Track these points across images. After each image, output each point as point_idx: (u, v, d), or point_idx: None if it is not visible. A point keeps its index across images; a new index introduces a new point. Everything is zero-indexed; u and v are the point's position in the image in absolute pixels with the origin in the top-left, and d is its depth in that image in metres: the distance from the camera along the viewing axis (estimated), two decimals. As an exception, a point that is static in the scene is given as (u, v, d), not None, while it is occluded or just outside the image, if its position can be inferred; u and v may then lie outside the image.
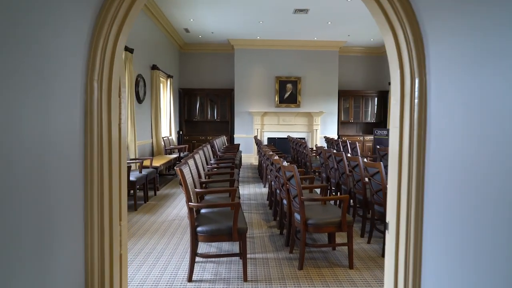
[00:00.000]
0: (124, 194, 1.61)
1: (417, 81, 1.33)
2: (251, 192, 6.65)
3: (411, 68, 1.34)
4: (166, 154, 8.70)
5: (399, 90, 1.42)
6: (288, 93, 11.27)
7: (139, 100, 7.17)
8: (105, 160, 1.40)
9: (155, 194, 6.21)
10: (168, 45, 9.87)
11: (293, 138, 9.29)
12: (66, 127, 1.25)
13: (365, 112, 11.84)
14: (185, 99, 11.52)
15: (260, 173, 8.41)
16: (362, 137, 11.73)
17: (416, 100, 1.34)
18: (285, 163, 3.50)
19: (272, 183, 4.95)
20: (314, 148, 10.34)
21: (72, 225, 1.33)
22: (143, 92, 7.41)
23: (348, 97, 11.78)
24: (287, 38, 10.70)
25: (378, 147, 6.53)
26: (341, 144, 8.10)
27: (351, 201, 4.66)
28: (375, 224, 3.83)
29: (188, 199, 2.84)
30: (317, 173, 7.34)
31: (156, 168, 6.30)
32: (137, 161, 5.57)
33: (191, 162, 3.61)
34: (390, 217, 1.45)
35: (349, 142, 7.75)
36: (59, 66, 1.22)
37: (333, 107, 11.41)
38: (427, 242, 1.29)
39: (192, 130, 11.85)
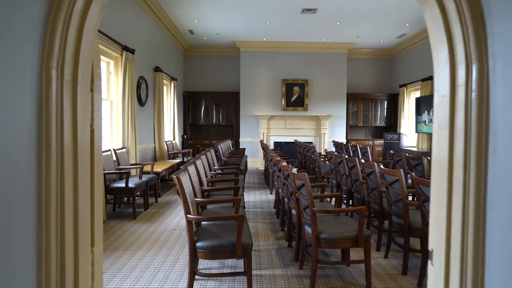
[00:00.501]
0: (98, 213, 1.30)
1: (474, 68, 1.01)
2: (257, 199, 6.32)
3: (467, 51, 1.02)
4: (170, 159, 8.42)
5: (448, 81, 1.10)
6: (295, 96, 10.95)
7: (141, 103, 6.91)
8: (67, 169, 1.09)
9: (156, 201, 5.91)
10: (172, 47, 9.63)
11: (300, 142, 8.96)
12: (11, 126, 0.94)
13: (374, 116, 11.47)
14: (189, 102, 11.27)
15: (266, 179, 8.08)
16: (371, 142, 11.35)
17: (473, 94, 1.01)
18: (294, 170, 3.18)
19: (279, 190, 4.63)
20: (323, 153, 10.00)
21: (20, 260, 1.00)
22: (145, 94, 7.15)
23: (357, 100, 11.42)
24: (294, 39, 10.40)
25: (391, 151, 6.17)
26: (351, 149, 7.75)
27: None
28: (393, 237, 3.48)
29: (187, 211, 2.53)
30: (325, 179, 7.00)
31: (157, 173, 6.01)
32: (137, 166, 5.29)
33: (191, 168, 3.30)
34: (436, 245, 1.12)
35: (360, 147, 7.39)
36: (2, 46, 0.92)
37: (342, 111, 11.07)
38: (492, 284, 0.97)
39: (196, 134, 11.58)
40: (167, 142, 8.56)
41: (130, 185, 4.77)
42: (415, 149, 9.36)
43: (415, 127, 9.17)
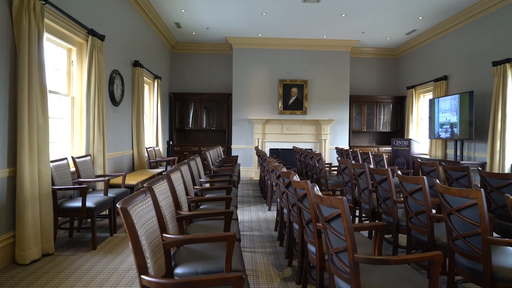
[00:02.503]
0: None
1: None
2: (253, 217, 5.22)
3: None
4: (151, 168, 7.29)
5: None
6: (293, 99, 9.94)
7: (115, 101, 5.80)
8: None
9: (128, 222, 4.76)
10: (156, 42, 8.55)
11: (300, 149, 7.91)
12: None
13: (379, 120, 10.51)
14: (176, 105, 10.16)
15: (263, 191, 7.00)
16: (376, 148, 10.36)
17: None
18: (318, 193, 2.11)
19: (284, 210, 3.55)
20: (327, 161, 8.96)
21: None
22: (120, 92, 6.04)
23: (360, 103, 10.45)
24: (292, 36, 9.42)
25: (419, 160, 5.13)
26: (360, 157, 6.72)
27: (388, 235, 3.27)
28: (455, 284, 2.42)
29: (141, 268, 1.44)
30: (334, 193, 5.95)
31: (131, 187, 4.89)
32: (101, 179, 4.16)
33: (161, 186, 2.21)
34: None
35: (372, 154, 6.37)
36: None
37: (344, 114, 10.08)
38: None
39: (184, 140, 10.46)
40: (148, 149, 7.43)
41: (89, 204, 3.64)
42: (427, 156, 8.39)
43: (429, 132, 8.20)
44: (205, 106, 10.25)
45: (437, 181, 2.44)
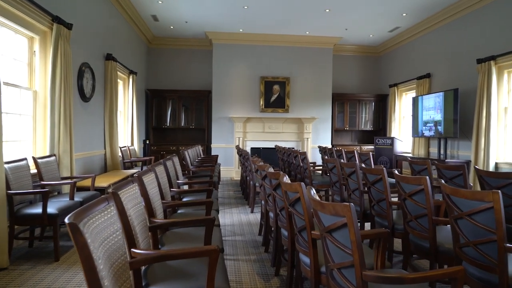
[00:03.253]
0: None
1: None
2: (235, 221, 4.91)
3: None
4: (125, 169, 6.85)
5: None
6: (275, 96, 9.68)
7: (84, 97, 5.35)
8: None
9: (98, 228, 4.34)
10: (132, 36, 8.09)
11: (282, 147, 7.65)
12: None
13: (361, 119, 10.40)
14: (153, 102, 9.70)
15: (244, 192, 6.70)
16: (358, 147, 10.24)
17: None
18: (316, 197, 1.83)
19: (270, 214, 3.26)
20: (316, 159, 8.74)
21: None
22: (91, 87, 5.59)
23: (343, 102, 10.31)
24: (274, 32, 9.15)
25: (409, 158, 4.95)
26: (345, 156, 6.53)
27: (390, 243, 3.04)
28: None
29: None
30: (319, 193, 5.72)
31: (101, 189, 4.48)
32: (71, 180, 3.74)
33: (130, 191, 1.87)
34: None
35: (358, 153, 6.18)
36: None
37: (327, 113, 9.90)
38: None
39: (161, 139, 10.01)
40: (123, 149, 6.98)
41: (51, 210, 3.23)
42: (410, 155, 8.31)
43: (412, 130, 8.12)
44: (183, 103, 9.84)
45: (442, 181, 2.20)
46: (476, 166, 4.10)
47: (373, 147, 10.20)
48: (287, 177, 2.25)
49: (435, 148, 7.70)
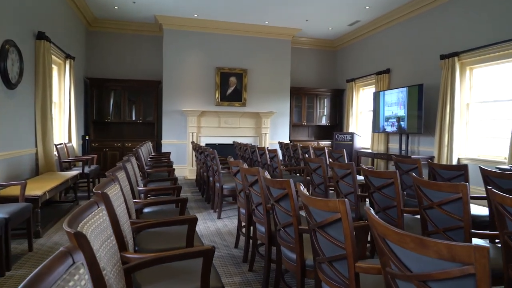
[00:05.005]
0: None
1: None
2: (201, 229, 4.27)
3: None
4: (62, 170, 5.81)
5: None
6: (231, 89, 9.08)
7: (9, 83, 4.31)
8: None
9: (30, 249, 3.43)
10: (68, 15, 6.94)
11: (244, 144, 7.12)
12: None
13: (318, 114, 10.22)
14: (94, 93, 8.55)
15: (205, 193, 6.05)
16: (316, 142, 10.05)
17: None
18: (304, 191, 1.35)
19: (258, 226, 2.71)
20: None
21: None
22: (17, 70, 4.54)
23: (300, 96, 10.02)
24: (232, 20, 8.53)
25: (393, 156, 4.71)
26: (313, 151, 6.17)
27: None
28: None
29: None
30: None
31: (35, 199, 3.57)
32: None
33: (93, 223, 1.19)
34: None
35: (328, 150, 5.85)
36: None
37: (285, 107, 9.55)
38: None
39: (103, 134, 8.90)
40: (59, 146, 5.92)
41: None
42: (369, 150, 8.27)
43: (373, 125, 8.05)
44: (129, 95, 8.82)
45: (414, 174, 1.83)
46: (429, 160, 4.18)
47: (329, 142, 10.11)
48: (303, 187, 1.74)
49: (395, 144, 7.70)
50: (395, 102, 7.17)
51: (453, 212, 2.04)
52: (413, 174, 2.35)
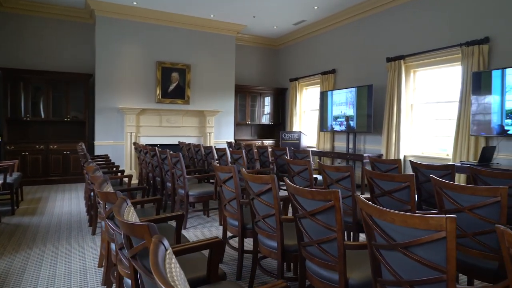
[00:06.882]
0: None
1: None
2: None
3: None
4: (-22, 180, 4.72)
5: None
6: (174, 85, 8.48)
7: None
8: None
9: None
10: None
11: (194, 145, 6.67)
12: None
13: (261, 112, 10.14)
14: (7, 86, 7.23)
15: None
16: (259, 141, 9.97)
17: None
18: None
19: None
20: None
21: None
22: None
23: (244, 94, 9.83)
24: (175, 11, 7.95)
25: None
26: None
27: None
28: None
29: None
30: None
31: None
32: None
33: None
34: None
35: (271, 148, 5.74)
36: None
37: (230, 106, 9.26)
38: None
39: (21, 135, 7.60)
40: (-27, 151, 4.80)
41: None
42: (315, 149, 8.43)
43: (320, 125, 8.21)
44: (54, 89, 7.66)
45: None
46: (370, 155, 4.63)
47: (272, 141, 10.12)
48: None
49: (340, 142, 7.96)
50: (344, 102, 7.39)
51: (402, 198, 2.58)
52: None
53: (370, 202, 1.46)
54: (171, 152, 4.62)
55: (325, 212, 1.81)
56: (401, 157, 6.45)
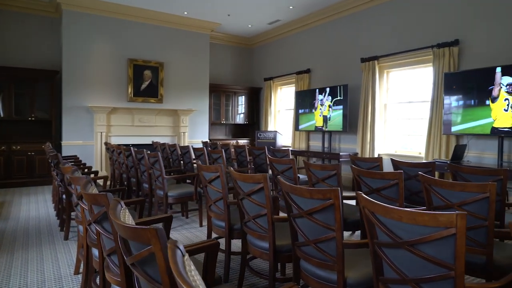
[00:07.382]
0: None
1: None
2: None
3: None
4: None
5: None
6: (146, 83, 8.23)
7: None
8: None
9: None
10: None
11: (172, 145, 6.50)
12: None
13: (236, 112, 10.07)
14: (-35, 83, 6.72)
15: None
16: (234, 141, 9.89)
17: None
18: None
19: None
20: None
21: None
22: None
23: (219, 93, 9.72)
24: (148, 7, 7.71)
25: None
26: (220, 147, 5.96)
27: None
28: None
29: None
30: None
31: None
32: None
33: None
34: None
35: (248, 147, 5.72)
36: None
37: (204, 105, 9.12)
38: None
39: (-19, 135, 7.09)
40: None
41: None
42: (291, 148, 8.47)
43: (295, 124, 8.25)
44: (17, 86, 7.20)
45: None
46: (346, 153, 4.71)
47: (247, 141, 10.08)
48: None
49: (316, 142, 8.05)
50: (320, 101, 7.46)
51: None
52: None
53: (374, 200, 1.44)
54: (149, 152, 4.46)
55: (324, 211, 1.78)
56: (376, 156, 6.59)
